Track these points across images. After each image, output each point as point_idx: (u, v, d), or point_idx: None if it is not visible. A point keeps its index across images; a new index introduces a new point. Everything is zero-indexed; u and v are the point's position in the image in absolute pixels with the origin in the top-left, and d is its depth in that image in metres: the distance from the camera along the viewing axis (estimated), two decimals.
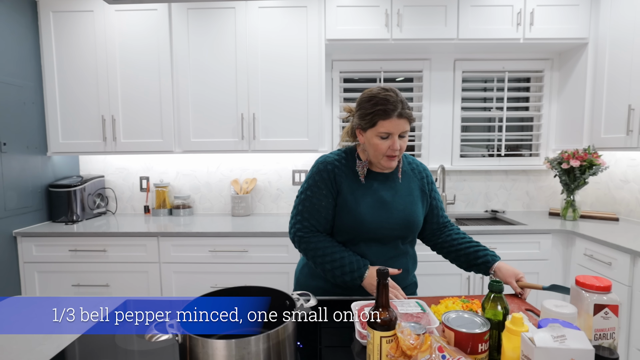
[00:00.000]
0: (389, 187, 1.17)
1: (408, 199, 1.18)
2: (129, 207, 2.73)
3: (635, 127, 2.05)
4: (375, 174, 1.18)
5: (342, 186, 1.14)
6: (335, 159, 1.17)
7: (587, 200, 2.65)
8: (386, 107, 1.04)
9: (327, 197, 1.14)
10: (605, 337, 0.74)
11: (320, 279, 1.21)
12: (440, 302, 1.04)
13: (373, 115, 1.06)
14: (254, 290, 0.90)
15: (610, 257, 1.85)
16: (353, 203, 1.12)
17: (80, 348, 0.88)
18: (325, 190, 1.14)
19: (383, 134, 1.06)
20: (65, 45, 2.34)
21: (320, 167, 1.16)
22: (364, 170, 1.16)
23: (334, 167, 1.15)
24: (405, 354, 0.68)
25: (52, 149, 2.38)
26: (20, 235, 2.15)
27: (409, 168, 1.24)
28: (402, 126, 1.06)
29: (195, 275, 2.15)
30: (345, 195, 1.13)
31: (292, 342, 0.76)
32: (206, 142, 2.37)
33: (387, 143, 1.07)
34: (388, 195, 1.15)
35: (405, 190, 1.19)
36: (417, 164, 1.27)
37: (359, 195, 1.13)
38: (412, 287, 1.30)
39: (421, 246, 2.15)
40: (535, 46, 2.47)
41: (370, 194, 1.14)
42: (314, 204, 1.14)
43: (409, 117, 1.07)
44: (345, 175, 1.15)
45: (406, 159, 1.25)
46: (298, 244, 1.17)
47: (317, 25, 2.28)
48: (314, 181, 1.15)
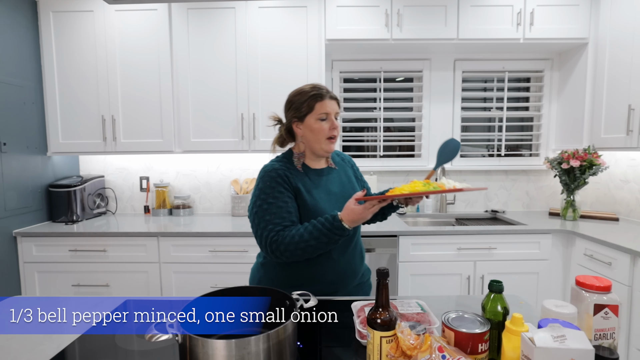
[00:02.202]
0: (332, 180, 1.25)
1: (350, 186, 1.27)
2: (129, 207, 2.73)
3: (635, 127, 2.05)
4: (318, 170, 1.24)
5: (298, 186, 1.17)
6: (282, 165, 1.19)
7: (587, 200, 2.65)
8: (319, 92, 1.17)
9: (291, 198, 1.15)
10: (605, 337, 0.74)
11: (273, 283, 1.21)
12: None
13: (309, 101, 1.16)
14: (254, 290, 0.90)
15: (610, 257, 1.85)
16: (312, 200, 1.17)
17: (80, 348, 0.88)
18: (286, 192, 1.14)
19: (322, 114, 1.16)
20: (65, 45, 2.34)
21: (272, 175, 1.16)
22: (300, 161, 1.23)
23: (284, 171, 1.17)
24: (405, 354, 0.68)
25: (52, 149, 2.39)
26: (20, 235, 2.15)
27: (340, 159, 1.34)
28: (335, 107, 1.19)
29: (195, 275, 2.15)
30: (303, 194, 1.16)
31: (292, 342, 0.76)
32: (206, 142, 2.37)
33: (327, 124, 1.17)
34: (335, 187, 1.24)
35: (345, 179, 1.28)
36: (343, 156, 1.38)
37: (314, 192, 1.19)
38: (367, 273, 1.35)
39: (421, 246, 2.16)
40: (535, 46, 2.47)
41: (322, 189, 1.21)
42: (280, 208, 1.12)
43: (337, 100, 1.21)
44: (294, 176, 1.19)
45: (334, 152, 1.33)
46: (276, 251, 1.10)
47: (317, 25, 2.28)
48: (271, 190, 1.14)
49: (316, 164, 1.25)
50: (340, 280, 1.19)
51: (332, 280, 1.19)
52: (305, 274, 1.18)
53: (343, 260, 1.20)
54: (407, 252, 2.14)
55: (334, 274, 1.19)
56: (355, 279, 1.25)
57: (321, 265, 1.17)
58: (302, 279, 1.17)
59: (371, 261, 2.14)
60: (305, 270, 1.17)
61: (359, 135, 2.78)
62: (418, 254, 2.15)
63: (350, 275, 1.22)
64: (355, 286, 1.26)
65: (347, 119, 2.78)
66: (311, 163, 1.25)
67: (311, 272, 1.17)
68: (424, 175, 3.02)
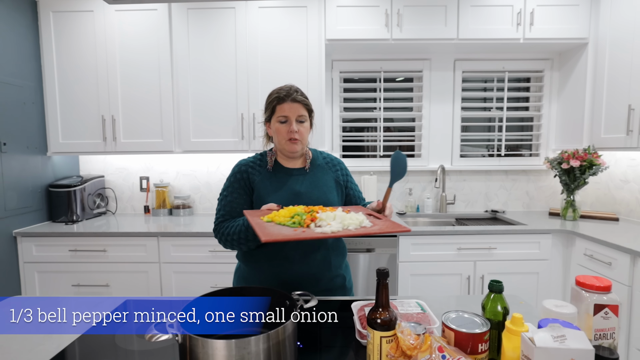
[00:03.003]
0: (302, 181, 1.27)
1: (322, 189, 1.27)
2: (129, 207, 2.73)
3: (635, 127, 2.05)
4: (289, 170, 1.28)
5: (255, 184, 1.24)
6: (250, 161, 1.29)
7: (587, 200, 2.65)
8: (279, 95, 1.21)
9: (242, 195, 1.25)
10: (605, 337, 0.74)
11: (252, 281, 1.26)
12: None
13: (270, 103, 1.23)
14: (254, 290, 0.90)
15: (610, 257, 1.85)
16: (265, 196, 1.22)
17: (80, 348, 0.88)
18: (240, 189, 1.25)
19: (281, 117, 1.20)
20: (65, 45, 2.34)
21: (235, 170, 1.28)
22: (272, 160, 1.28)
23: (247, 167, 1.27)
24: (405, 354, 0.68)
25: (52, 149, 2.38)
26: (20, 235, 2.15)
27: (324, 162, 1.35)
28: (298, 110, 1.20)
29: (195, 275, 2.15)
30: (258, 191, 1.23)
31: (292, 342, 0.76)
32: (206, 142, 2.37)
33: (287, 127, 1.20)
34: (302, 187, 1.25)
35: (319, 182, 1.28)
36: (332, 159, 1.38)
37: (272, 190, 1.23)
38: (339, 279, 1.30)
39: (421, 246, 2.16)
40: (535, 46, 2.47)
41: (285, 189, 1.24)
42: (230, 202, 1.25)
43: (303, 103, 1.21)
44: (258, 173, 1.26)
45: (321, 155, 1.36)
46: (217, 238, 1.24)
47: (317, 25, 2.28)
48: (229, 182, 1.27)
49: (289, 163, 1.29)
50: (298, 284, 1.19)
51: (289, 282, 1.19)
52: (267, 273, 1.22)
53: (301, 265, 1.21)
54: (407, 252, 2.14)
55: (291, 276, 1.21)
56: (318, 285, 1.23)
57: (279, 267, 1.21)
58: (265, 277, 1.22)
59: (371, 261, 2.14)
60: (267, 270, 1.22)
61: (359, 135, 2.78)
62: (418, 254, 2.15)
63: (308, 280, 1.21)
64: (323, 290, 1.23)
65: (347, 119, 2.78)
66: (284, 162, 1.29)
67: (272, 271, 1.22)
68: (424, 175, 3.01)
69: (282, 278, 1.20)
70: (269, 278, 1.22)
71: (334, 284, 1.28)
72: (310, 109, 1.25)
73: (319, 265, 1.24)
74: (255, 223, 0.99)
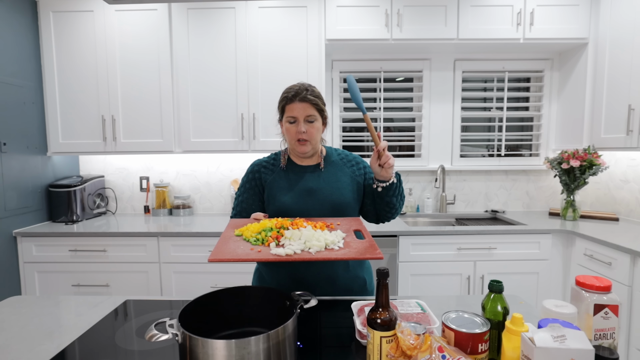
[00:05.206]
0: (315, 177, 1.26)
1: (335, 184, 1.26)
2: (129, 207, 2.73)
3: (635, 127, 2.05)
4: (302, 167, 1.27)
5: (266, 183, 1.26)
6: (264, 161, 1.31)
7: (587, 200, 2.65)
8: (288, 95, 1.19)
9: (253, 195, 1.27)
10: (605, 337, 0.74)
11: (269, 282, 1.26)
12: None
13: (280, 103, 1.23)
14: (254, 290, 0.90)
15: (610, 257, 1.85)
16: (277, 194, 1.23)
17: (80, 348, 0.88)
18: (251, 189, 1.27)
19: (290, 117, 1.19)
20: (65, 45, 2.34)
21: (248, 170, 1.31)
22: (285, 159, 1.29)
23: (260, 167, 1.29)
24: (405, 354, 0.68)
25: (52, 149, 2.39)
26: (20, 235, 2.15)
27: (339, 159, 1.33)
28: (306, 110, 1.18)
29: (195, 275, 2.15)
30: (269, 189, 1.25)
31: (292, 342, 0.76)
32: (206, 142, 2.37)
33: (295, 127, 1.19)
34: (315, 184, 1.25)
35: (332, 178, 1.27)
36: (347, 154, 1.36)
37: (284, 187, 1.24)
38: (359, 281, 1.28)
39: (421, 246, 2.16)
40: (535, 46, 2.47)
41: (297, 186, 1.24)
42: (241, 202, 1.29)
43: (312, 102, 1.18)
44: (271, 172, 1.27)
45: (336, 152, 1.35)
46: None
47: (317, 25, 2.28)
48: (242, 183, 1.31)
49: (302, 162, 1.28)
50: (315, 284, 1.19)
51: (306, 282, 1.20)
52: (283, 274, 1.22)
53: (317, 266, 1.20)
54: (407, 252, 2.14)
55: (307, 277, 1.20)
56: (335, 285, 1.23)
57: (295, 268, 1.21)
58: (281, 278, 1.22)
59: (371, 261, 2.14)
60: (283, 271, 1.22)
61: (359, 135, 2.78)
62: (418, 254, 2.15)
63: (326, 280, 1.21)
64: (341, 291, 1.23)
65: (347, 119, 2.78)
66: (297, 160, 1.29)
67: (288, 272, 1.21)
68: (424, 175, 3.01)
69: (298, 278, 1.20)
70: (285, 279, 1.21)
71: (352, 285, 1.26)
72: (320, 108, 1.21)
73: (335, 266, 1.23)
74: (222, 236, 0.98)
